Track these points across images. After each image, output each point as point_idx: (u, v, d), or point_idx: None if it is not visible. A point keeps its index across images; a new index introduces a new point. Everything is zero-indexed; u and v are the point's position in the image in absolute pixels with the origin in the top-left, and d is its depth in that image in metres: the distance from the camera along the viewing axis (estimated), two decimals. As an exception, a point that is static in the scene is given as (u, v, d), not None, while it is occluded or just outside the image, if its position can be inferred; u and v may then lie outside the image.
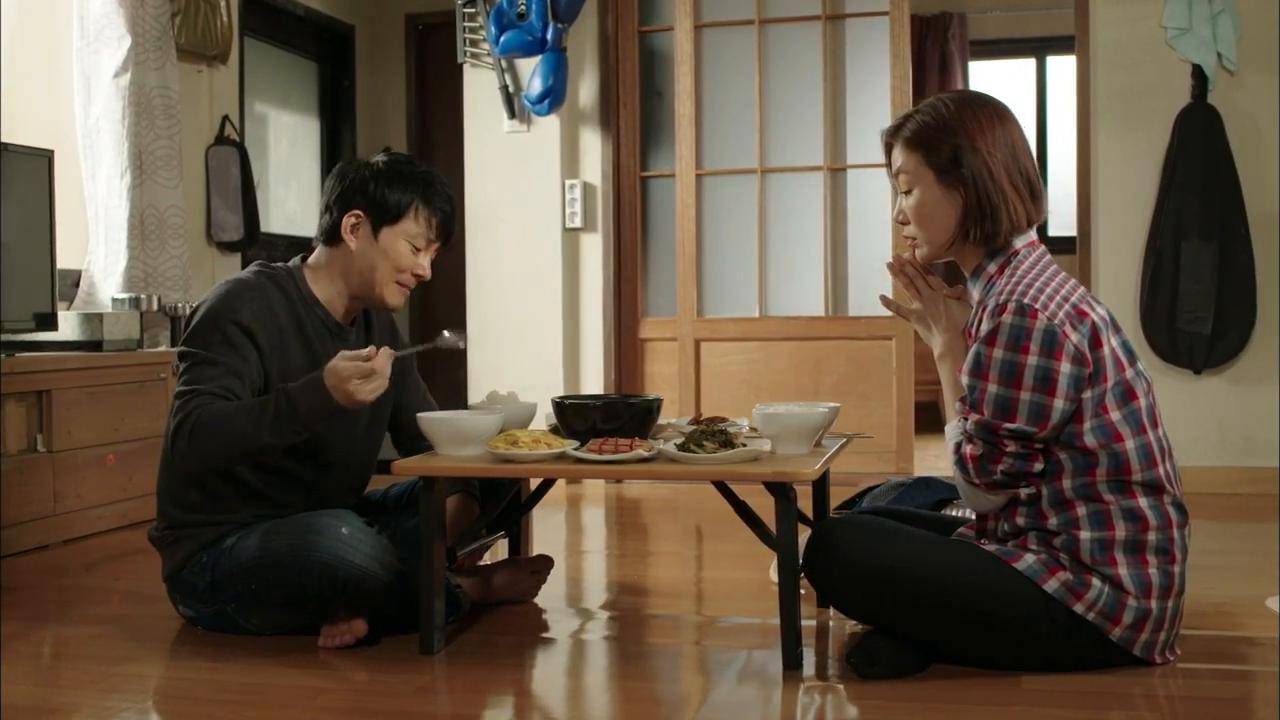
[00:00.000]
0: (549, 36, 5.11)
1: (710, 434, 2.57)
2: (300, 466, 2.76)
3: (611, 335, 5.44)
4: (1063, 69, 8.04)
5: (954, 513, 3.20)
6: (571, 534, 4.34)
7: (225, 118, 5.70)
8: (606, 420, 2.72)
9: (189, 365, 2.62)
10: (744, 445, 2.56)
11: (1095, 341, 2.35)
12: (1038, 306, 2.31)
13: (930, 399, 6.31)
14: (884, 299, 2.77)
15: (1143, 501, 2.35)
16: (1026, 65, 8.17)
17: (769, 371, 5.35)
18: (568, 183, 5.37)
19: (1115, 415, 2.34)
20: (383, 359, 2.51)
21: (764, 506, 2.64)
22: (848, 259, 5.32)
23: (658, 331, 5.51)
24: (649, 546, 4.18)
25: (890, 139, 2.56)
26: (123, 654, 2.70)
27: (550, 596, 3.14)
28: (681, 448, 2.54)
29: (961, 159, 2.43)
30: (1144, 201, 4.86)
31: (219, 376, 2.59)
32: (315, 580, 2.56)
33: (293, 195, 6.71)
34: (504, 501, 2.88)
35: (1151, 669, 2.40)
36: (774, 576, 3.32)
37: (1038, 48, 8.09)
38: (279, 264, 2.84)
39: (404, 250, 2.77)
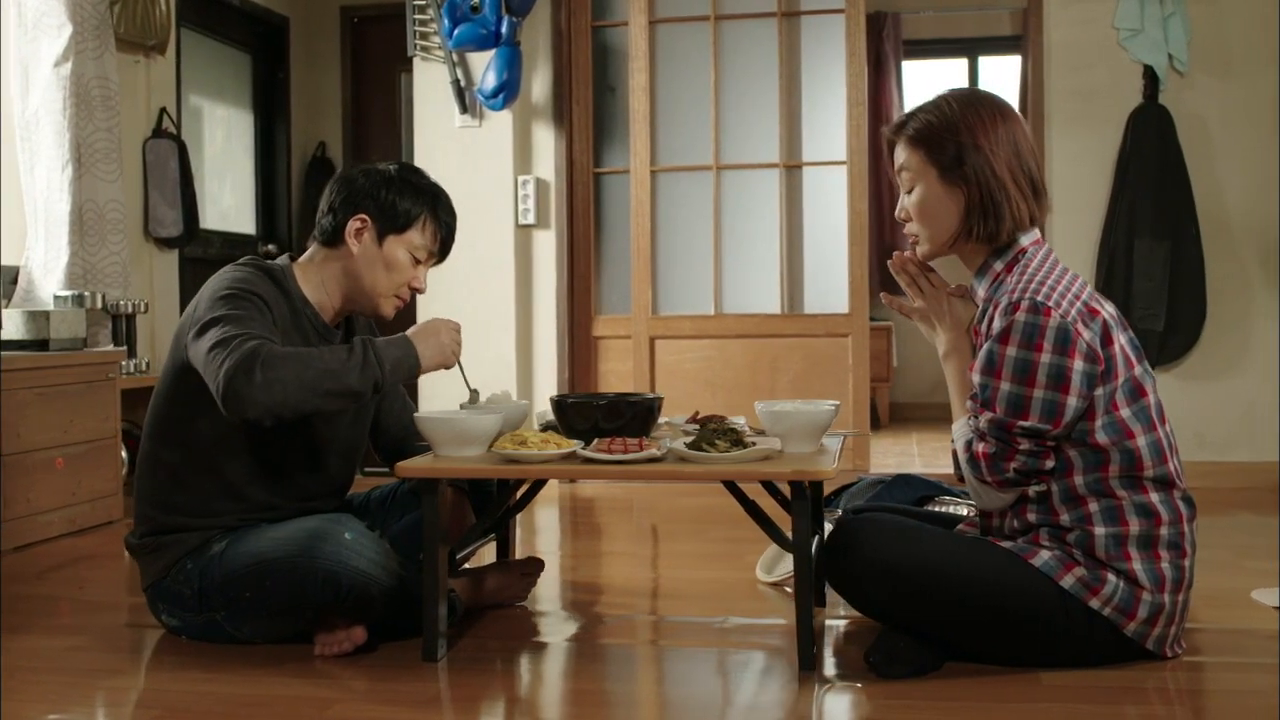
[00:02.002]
0: (503, 30, 5.04)
1: (721, 433, 2.54)
2: (294, 468, 2.67)
3: (565, 333, 5.38)
4: (995, 69, 8.16)
5: (938, 509, 3.20)
6: (539, 535, 4.28)
7: (163, 110, 5.54)
8: (609, 419, 2.67)
9: (219, 326, 2.46)
10: (753, 444, 2.52)
11: (1106, 339, 2.36)
12: (1051, 304, 2.31)
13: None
14: (886, 297, 2.75)
15: (1154, 496, 2.36)
16: (959, 65, 8.26)
17: (724, 369, 5.33)
18: (520, 179, 5.30)
19: (1126, 412, 2.35)
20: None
21: (767, 506, 2.62)
22: (803, 256, 5.32)
23: (612, 329, 5.46)
24: (618, 547, 4.13)
25: (893, 136, 2.55)
26: (107, 666, 2.59)
27: (535, 599, 3.08)
28: (692, 446, 2.50)
29: (964, 157, 2.42)
30: (1097, 200, 4.92)
31: (258, 329, 2.47)
32: (317, 587, 2.48)
33: (227, 190, 6.54)
34: (506, 503, 2.81)
35: (1163, 663, 2.42)
36: (761, 576, 3.32)
37: (970, 48, 8.19)
38: (270, 261, 2.75)
39: (405, 261, 2.71)
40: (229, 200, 6.55)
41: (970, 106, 2.46)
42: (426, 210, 2.72)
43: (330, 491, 2.83)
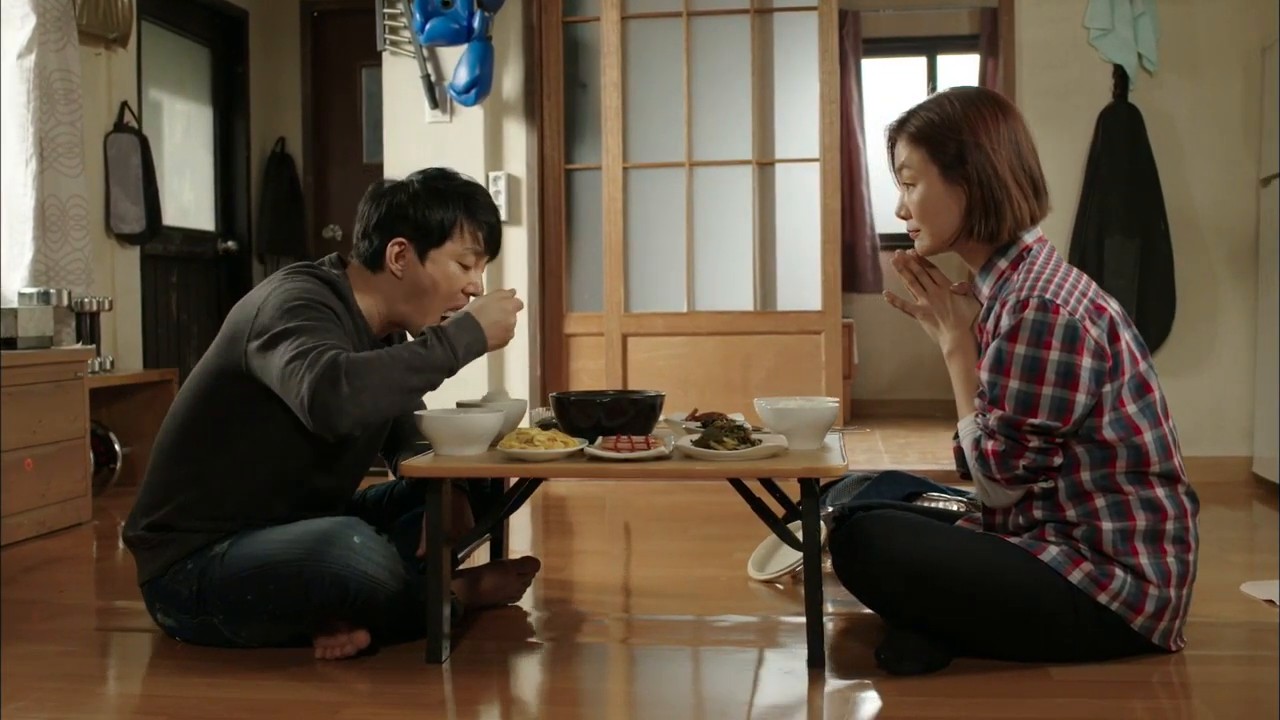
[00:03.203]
0: (475, 25, 4.99)
1: (728, 430, 2.52)
2: (313, 473, 2.62)
3: (536, 330, 5.35)
4: (953, 67, 8.21)
5: (927, 505, 3.21)
6: (514, 534, 4.24)
7: (124, 104, 5.43)
8: (611, 417, 2.64)
9: (293, 336, 2.39)
10: (759, 441, 2.51)
11: (1113, 336, 2.37)
12: (1059, 301, 2.32)
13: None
14: (890, 296, 2.74)
15: (1160, 491, 2.38)
16: (918, 64, 8.29)
17: (697, 366, 5.32)
18: (491, 175, 5.26)
19: (1132, 408, 2.37)
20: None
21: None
22: (776, 253, 5.32)
23: (583, 326, 5.43)
24: (599, 545, 4.11)
25: (894, 134, 2.55)
26: (103, 672, 2.54)
27: (530, 598, 3.06)
28: (699, 444, 2.48)
29: (966, 156, 2.42)
30: (1068, 198, 4.96)
31: (333, 339, 2.42)
32: (323, 591, 2.42)
33: (187, 186, 6.44)
34: (507, 502, 2.77)
35: (1168, 656, 2.44)
36: (753, 573, 3.31)
37: (929, 46, 8.22)
38: (321, 268, 2.68)
39: (454, 271, 2.65)
40: (188, 196, 6.45)
41: (972, 105, 2.46)
42: (461, 213, 2.64)
43: (342, 496, 2.78)
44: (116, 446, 4.99)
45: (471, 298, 2.69)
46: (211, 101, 6.67)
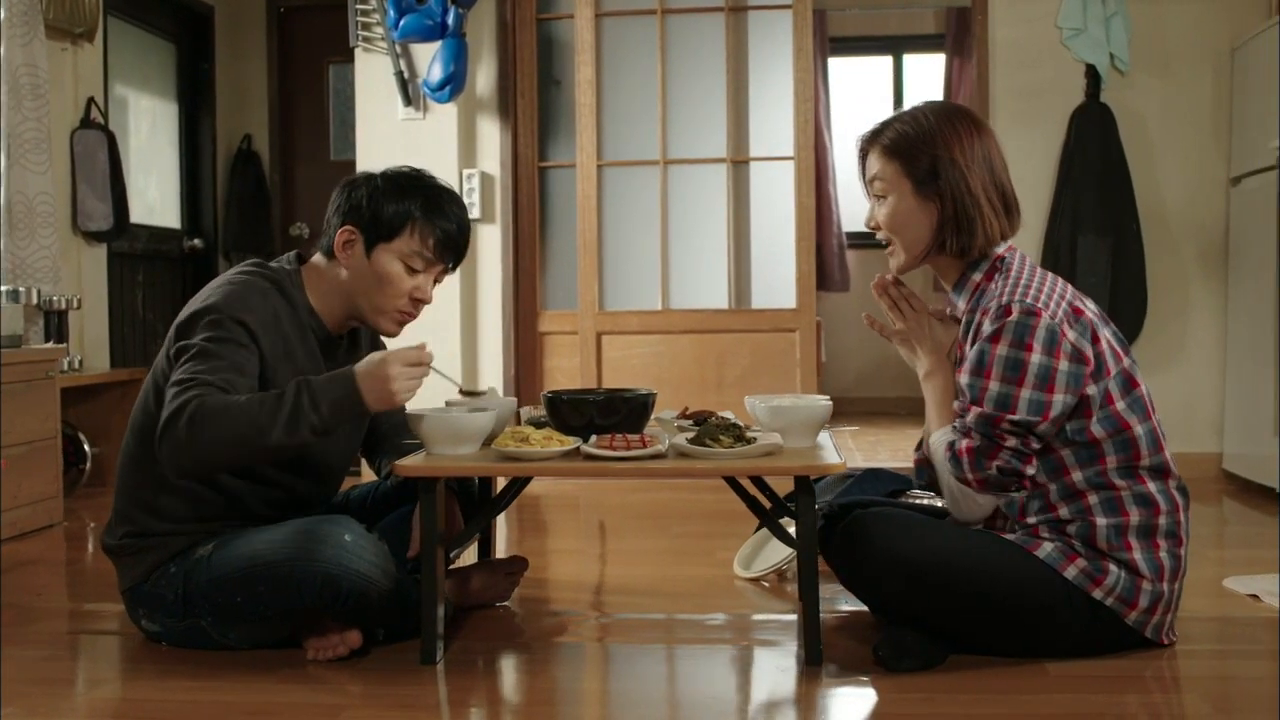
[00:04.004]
0: (450, 21, 4.96)
1: (724, 428, 2.51)
2: (289, 473, 2.58)
3: (510, 329, 5.32)
4: (919, 66, 8.25)
5: (913, 503, 3.22)
6: (497, 535, 4.21)
7: (90, 99, 5.36)
8: (604, 415, 2.64)
9: (188, 357, 2.38)
10: (754, 439, 2.51)
11: (1093, 337, 2.41)
12: (1040, 306, 2.35)
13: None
14: (869, 318, 2.71)
15: (1152, 486, 2.40)
16: (883, 63, 8.33)
17: (672, 364, 5.31)
18: (465, 172, 5.22)
19: (1121, 405, 2.39)
20: (427, 354, 2.36)
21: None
22: (750, 251, 5.32)
23: (558, 325, 5.41)
24: (577, 545, 4.10)
25: (867, 145, 2.57)
26: (90, 676, 2.50)
27: (514, 598, 3.04)
28: (694, 442, 2.48)
29: (940, 170, 2.45)
30: (1041, 197, 4.99)
31: (222, 369, 2.36)
32: (315, 591, 2.40)
33: (153, 184, 6.36)
34: (501, 502, 2.75)
35: (1161, 651, 2.47)
36: (739, 571, 3.30)
37: (894, 46, 8.26)
38: (276, 265, 2.63)
39: (398, 271, 2.55)
40: (154, 193, 6.37)
41: (947, 120, 2.49)
42: (416, 211, 2.55)
43: (323, 496, 2.75)
44: (86, 446, 4.93)
45: (419, 303, 2.63)
46: (177, 98, 6.59)
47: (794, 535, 2.46)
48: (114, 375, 5.03)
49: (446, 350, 5.18)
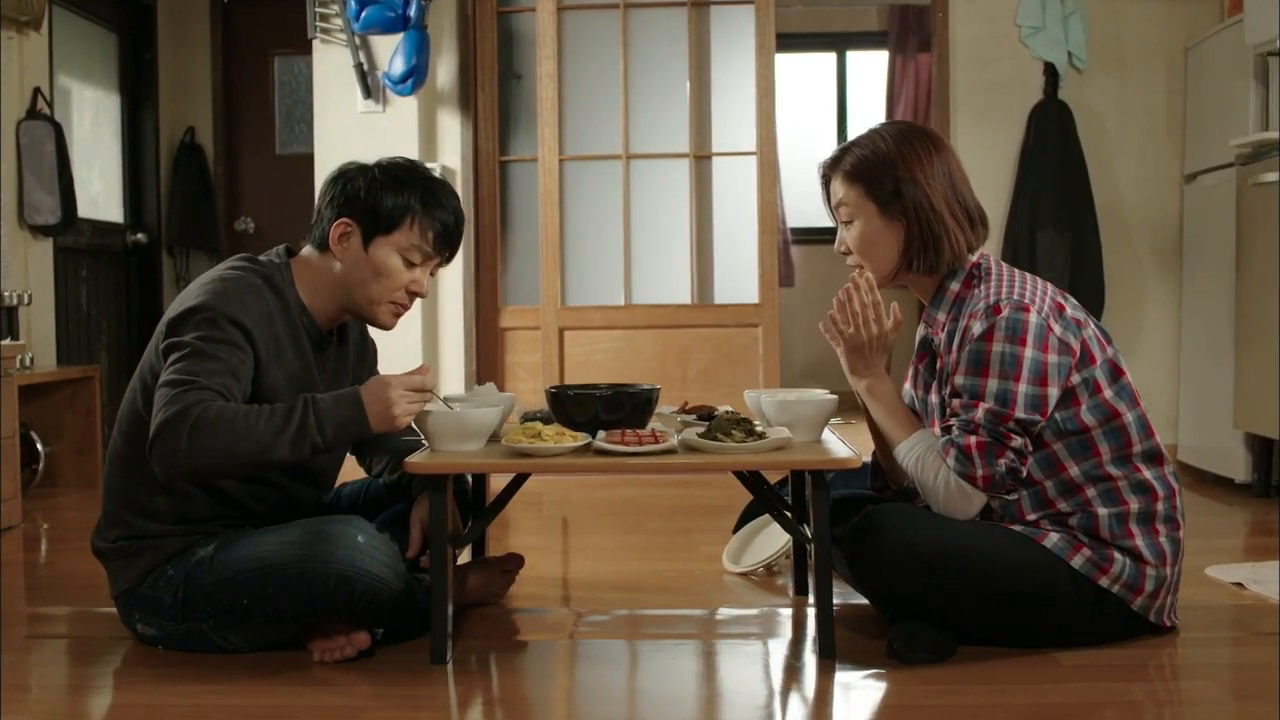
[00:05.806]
0: (411, 13, 4.90)
1: (735, 423, 2.51)
2: (284, 477, 2.53)
3: (471, 324, 5.28)
4: (862, 64, 8.31)
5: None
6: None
7: (37, 90, 5.22)
8: (610, 411, 2.62)
9: (180, 356, 2.32)
10: (764, 434, 2.51)
11: (1078, 327, 2.46)
12: (1028, 302, 2.40)
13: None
14: (832, 320, 2.61)
15: (1148, 473, 2.45)
16: (827, 59, 8.38)
17: (635, 360, 5.30)
18: (426, 166, 5.16)
19: (1109, 392, 2.44)
20: (429, 378, 2.36)
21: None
22: (713, 247, 5.33)
23: (519, 320, 5.37)
24: (556, 541, 4.07)
25: (829, 171, 2.60)
26: (89, 682, 2.44)
27: (509, 595, 3.02)
28: (705, 437, 2.47)
29: (903, 191, 2.49)
30: (1001, 193, 5.06)
31: (218, 373, 2.30)
32: (328, 592, 2.35)
33: (96, 177, 6.21)
34: (508, 499, 2.72)
35: (1165, 639, 2.52)
36: (729, 566, 3.30)
37: (838, 42, 8.31)
38: (266, 259, 2.57)
39: (396, 264, 2.52)
40: (97, 187, 6.22)
41: (905, 140, 2.52)
42: (415, 205, 2.52)
43: (313, 497, 2.70)
44: (39, 446, 4.80)
45: (414, 296, 2.59)
46: (120, 89, 6.44)
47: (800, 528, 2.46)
48: (65, 373, 4.91)
49: (408, 344, 5.12)
